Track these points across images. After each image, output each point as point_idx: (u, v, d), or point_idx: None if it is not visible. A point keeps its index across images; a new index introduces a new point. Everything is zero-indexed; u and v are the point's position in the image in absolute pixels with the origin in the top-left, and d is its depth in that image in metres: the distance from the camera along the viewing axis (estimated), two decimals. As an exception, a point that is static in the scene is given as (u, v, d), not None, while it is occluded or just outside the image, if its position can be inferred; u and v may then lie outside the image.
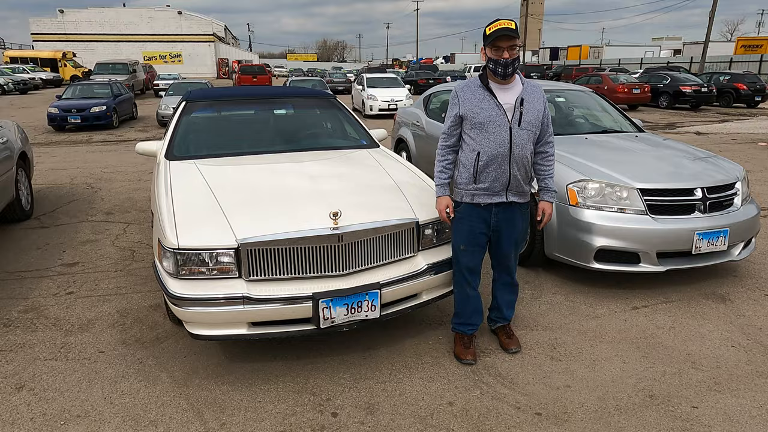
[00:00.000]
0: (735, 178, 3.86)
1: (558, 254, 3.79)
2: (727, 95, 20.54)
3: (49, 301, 3.61)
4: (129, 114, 15.91)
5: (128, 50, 47.54)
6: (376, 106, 16.39)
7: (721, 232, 3.58)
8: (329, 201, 2.76)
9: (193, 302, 2.44)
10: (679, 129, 14.02)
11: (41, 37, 48.03)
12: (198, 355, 2.91)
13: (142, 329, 3.22)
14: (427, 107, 6.36)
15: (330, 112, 4.43)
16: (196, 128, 4.00)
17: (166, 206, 2.75)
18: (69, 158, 9.64)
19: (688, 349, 3.00)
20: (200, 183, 3.04)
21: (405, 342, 3.06)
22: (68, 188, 7.16)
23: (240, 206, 2.72)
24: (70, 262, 4.38)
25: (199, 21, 53.30)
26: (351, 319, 2.57)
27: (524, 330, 3.20)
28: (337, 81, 29.05)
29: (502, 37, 2.48)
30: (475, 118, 2.60)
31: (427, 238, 2.89)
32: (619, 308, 3.49)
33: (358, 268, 2.64)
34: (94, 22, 49.80)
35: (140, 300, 3.62)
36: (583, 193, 3.66)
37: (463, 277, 2.83)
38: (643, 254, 3.53)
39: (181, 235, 2.49)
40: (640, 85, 19.11)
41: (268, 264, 2.51)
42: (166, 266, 2.55)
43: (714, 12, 28.64)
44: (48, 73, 33.46)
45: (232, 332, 2.52)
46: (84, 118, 13.42)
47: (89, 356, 2.91)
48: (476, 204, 2.71)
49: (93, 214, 5.85)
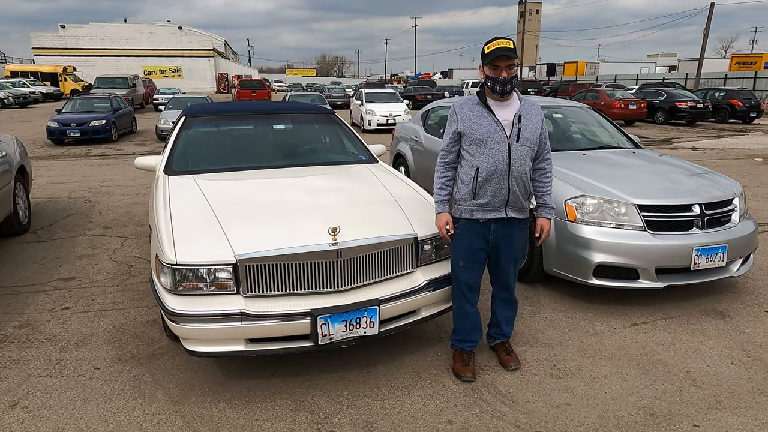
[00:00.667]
0: (732, 194, 3.88)
1: (557, 270, 3.79)
2: (722, 111, 20.74)
3: (45, 317, 3.58)
4: (128, 128, 15.97)
5: (129, 65, 47.86)
6: (374, 120, 16.49)
7: (719, 248, 3.59)
8: (328, 216, 2.76)
9: (191, 318, 2.42)
10: (676, 144, 14.11)
11: (42, 51, 48.35)
12: (194, 371, 2.88)
13: (139, 345, 3.19)
14: (426, 123, 6.39)
15: (329, 127, 4.46)
16: (195, 143, 4.01)
17: (164, 221, 2.75)
18: (67, 172, 9.65)
19: (688, 366, 2.98)
20: (199, 198, 3.04)
21: (404, 359, 3.04)
22: (66, 202, 7.15)
23: (238, 222, 2.72)
24: (67, 276, 4.35)
25: (199, 36, 53.79)
26: (349, 335, 2.55)
27: (523, 347, 3.18)
28: (336, 96, 29.28)
29: (501, 57, 2.50)
30: (473, 135, 2.62)
31: (425, 254, 2.88)
32: (618, 324, 3.48)
33: (356, 284, 2.63)
34: (95, 37, 50.20)
35: (137, 315, 3.59)
36: (581, 209, 3.66)
37: (462, 294, 2.82)
38: (641, 270, 3.53)
39: (179, 250, 2.48)
40: (636, 100, 19.29)
41: (267, 280, 2.50)
42: (163, 282, 2.53)
43: (708, 29, 29.04)
44: (48, 87, 33.68)
45: (230, 349, 2.50)
46: (83, 131, 13.48)
47: (84, 373, 2.88)
48: (475, 220, 2.71)
49: (90, 228, 5.83)
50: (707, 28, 29.09)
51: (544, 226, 2.81)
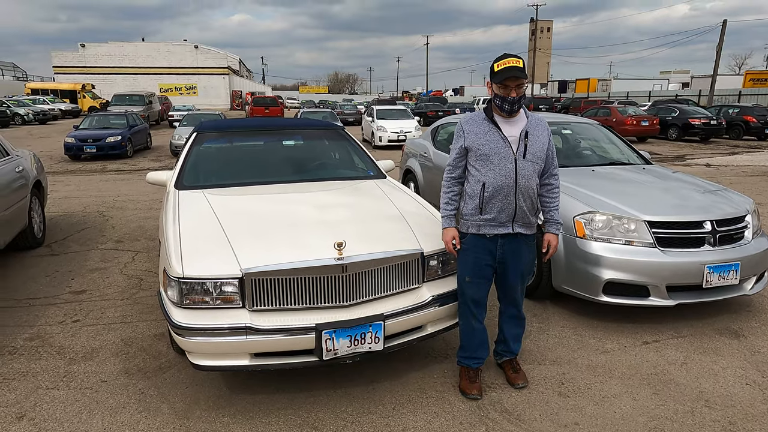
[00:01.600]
0: (745, 211, 3.82)
1: (566, 287, 3.74)
2: (736, 128, 20.53)
3: (55, 329, 3.62)
4: (143, 144, 16.24)
5: (146, 82, 48.90)
6: (385, 137, 16.59)
7: (732, 265, 3.53)
8: (334, 231, 2.77)
9: (196, 332, 2.43)
10: (689, 161, 13.98)
11: (63, 69, 49.63)
12: (200, 385, 2.88)
13: (146, 359, 3.20)
14: (435, 139, 6.42)
15: (337, 143, 4.50)
16: (206, 158, 4.07)
17: (173, 235, 2.78)
18: (83, 187, 9.81)
19: (700, 386, 2.91)
20: (207, 212, 3.07)
21: (409, 375, 3.01)
22: (80, 216, 7.26)
23: (246, 236, 2.74)
24: (78, 289, 4.40)
25: (214, 55, 54.87)
26: (354, 351, 2.54)
27: (531, 364, 3.14)
28: (347, 113, 29.54)
29: (510, 77, 2.51)
30: (480, 150, 2.62)
31: (432, 270, 2.88)
32: (628, 343, 3.42)
33: (362, 299, 2.63)
34: (114, 56, 51.47)
35: (145, 329, 3.62)
36: (590, 225, 3.63)
37: (468, 310, 2.80)
38: (652, 287, 3.47)
39: (186, 264, 2.50)
40: (648, 117, 19.19)
41: (272, 294, 2.51)
42: (170, 295, 2.55)
43: (721, 46, 28.95)
44: (67, 104, 34.44)
45: (235, 363, 2.50)
46: (99, 147, 13.73)
47: (91, 386, 2.89)
48: (482, 235, 2.70)
49: (103, 242, 5.91)
50: (720, 45, 29.01)
51: (552, 242, 2.79)
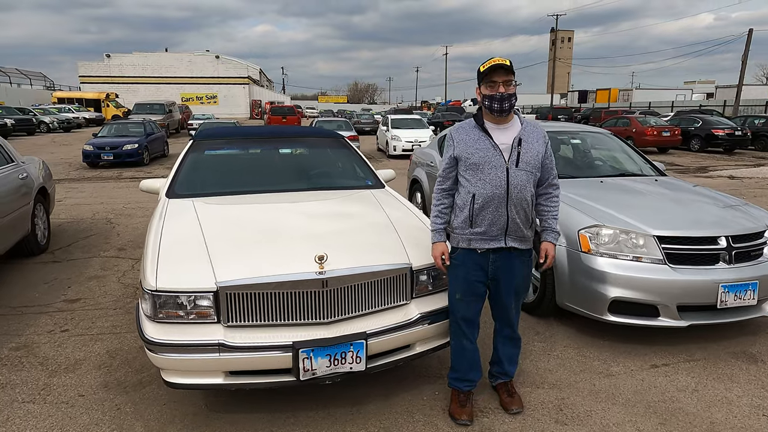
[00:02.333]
0: (765, 227, 3.58)
1: (569, 304, 3.55)
2: (762, 139, 19.90)
3: (42, 339, 3.55)
4: (160, 152, 16.43)
5: (168, 91, 49.83)
6: (399, 146, 16.49)
7: (749, 285, 3.29)
8: (318, 243, 2.64)
9: (168, 348, 2.32)
10: (711, 173, 13.54)
11: (88, 79, 50.93)
12: (177, 403, 2.77)
13: (128, 372, 3.10)
14: (442, 148, 6.28)
15: (336, 151, 4.38)
16: (200, 166, 4.00)
17: (153, 246, 2.68)
18: (96, 193, 9.90)
19: (712, 416, 2.69)
20: (192, 222, 2.98)
21: (398, 396, 2.85)
22: (88, 223, 7.29)
23: (226, 247, 2.63)
24: (73, 298, 4.35)
25: (235, 65, 55.73)
26: (334, 371, 2.40)
27: (529, 387, 2.95)
28: (364, 122, 29.59)
29: (497, 69, 2.37)
30: (469, 159, 2.48)
31: (422, 285, 2.72)
32: (636, 366, 3.20)
33: (343, 316, 2.48)
34: (138, 66, 52.65)
35: (132, 340, 3.53)
36: (595, 240, 3.44)
37: (459, 329, 2.63)
38: (661, 307, 3.26)
39: (160, 276, 2.40)
40: (669, 127, 18.73)
41: (248, 309, 2.39)
42: (144, 308, 2.45)
43: (747, 55, 28.26)
44: (91, 112, 35.23)
45: (209, 381, 2.38)
46: (116, 155, 13.91)
47: (67, 400, 2.80)
48: (472, 249, 2.54)
49: (106, 249, 5.89)
50: (746, 54, 28.32)
51: (549, 251, 2.62)
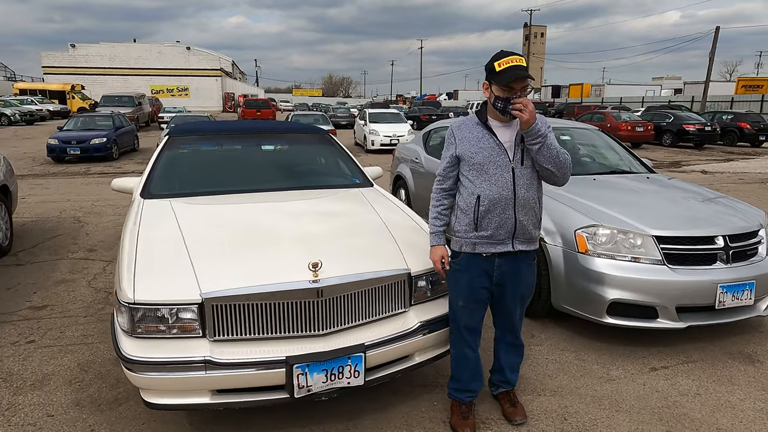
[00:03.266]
0: (758, 225, 3.56)
1: (566, 306, 3.46)
2: (730, 134, 20.45)
3: (6, 351, 3.27)
4: (130, 146, 15.86)
5: (137, 83, 48.35)
6: (377, 141, 16.30)
7: (746, 284, 3.25)
8: (310, 249, 2.46)
9: (148, 366, 2.11)
10: (685, 167, 13.80)
11: (52, 70, 48.97)
12: (158, 422, 2.56)
13: (101, 388, 2.87)
14: (427, 144, 6.13)
15: (321, 148, 4.19)
16: (177, 164, 3.75)
17: (128, 252, 2.46)
18: (63, 190, 9.43)
19: (718, 422, 2.62)
20: (171, 226, 2.75)
21: (395, 408, 2.70)
22: (55, 222, 6.90)
23: (210, 253, 2.43)
24: (39, 305, 4.05)
25: (207, 56, 54.40)
26: (330, 386, 2.23)
27: (530, 395, 2.84)
28: (340, 116, 29.26)
29: (517, 78, 2.17)
30: (473, 159, 2.33)
31: (420, 291, 2.57)
32: (635, 369, 3.13)
33: (339, 327, 2.32)
34: (105, 56, 50.88)
35: (105, 351, 3.28)
36: (593, 240, 3.35)
37: (461, 337, 2.50)
38: (660, 308, 3.19)
39: (138, 287, 2.18)
40: (643, 123, 19.05)
41: (237, 321, 2.20)
42: (121, 322, 2.23)
43: (714, 52, 28.96)
44: (56, 105, 33.87)
45: (193, 401, 2.19)
46: (83, 149, 13.33)
47: (35, 421, 2.56)
48: (477, 254, 2.40)
49: (74, 250, 5.56)
50: (713, 51, 29.02)
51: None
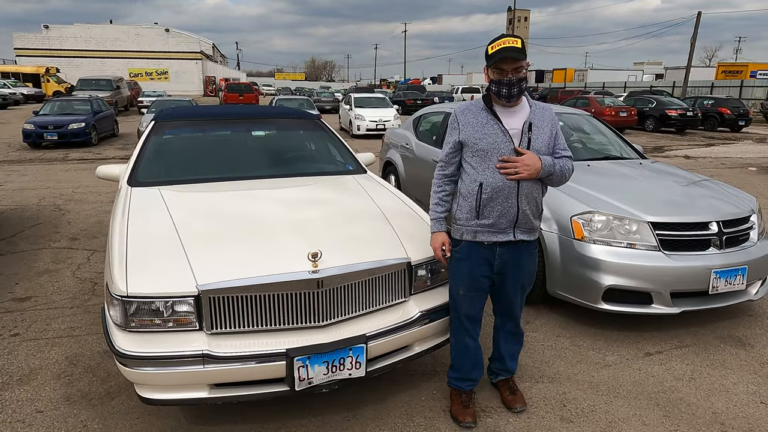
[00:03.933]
0: (750, 211, 3.59)
1: (562, 293, 3.46)
2: (711, 119, 20.74)
3: (-11, 346, 3.17)
4: (110, 131, 15.44)
5: (114, 66, 47.03)
6: (363, 126, 16.15)
7: (739, 269, 3.29)
8: (309, 238, 2.40)
9: (143, 361, 2.04)
10: (668, 152, 13.96)
11: (25, 52, 47.34)
12: (153, 416, 2.50)
13: (92, 382, 2.79)
14: (417, 129, 6.06)
15: (313, 133, 4.10)
16: (165, 151, 3.63)
17: (119, 243, 2.37)
18: (41, 177, 9.16)
19: (713, 406, 2.66)
20: (162, 215, 2.66)
21: (395, 398, 2.68)
22: (34, 210, 6.69)
23: (205, 244, 2.35)
24: (22, 296, 3.93)
25: (186, 39, 53.09)
26: (332, 378, 2.19)
27: (528, 382, 2.84)
28: (325, 100, 28.90)
29: (506, 59, 2.15)
30: (477, 145, 2.28)
31: (420, 280, 2.53)
32: (630, 355, 3.15)
33: (340, 318, 2.27)
34: (80, 38, 49.30)
35: (94, 344, 3.19)
36: (588, 226, 3.34)
37: (461, 326, 2.47)
38: (655, 294, 3.21)
39: (131, 279, 2.10)
40: (626, 108, 19.18)
41: (235, 314, 2.13)
42: (113, 316, 2.15)
43: (695, 37, 29.22)
44: (30, 88, 32.77)
45: (191, 396, 2.12)
46: (61, 135, 12.93)
47: (24, 418, 2.48)
48: (478, 242, 2.37)
49: (56, 239, 5.40)
50: (694, 36, 29.27)
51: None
